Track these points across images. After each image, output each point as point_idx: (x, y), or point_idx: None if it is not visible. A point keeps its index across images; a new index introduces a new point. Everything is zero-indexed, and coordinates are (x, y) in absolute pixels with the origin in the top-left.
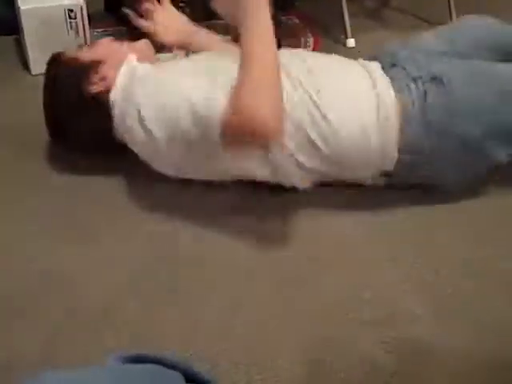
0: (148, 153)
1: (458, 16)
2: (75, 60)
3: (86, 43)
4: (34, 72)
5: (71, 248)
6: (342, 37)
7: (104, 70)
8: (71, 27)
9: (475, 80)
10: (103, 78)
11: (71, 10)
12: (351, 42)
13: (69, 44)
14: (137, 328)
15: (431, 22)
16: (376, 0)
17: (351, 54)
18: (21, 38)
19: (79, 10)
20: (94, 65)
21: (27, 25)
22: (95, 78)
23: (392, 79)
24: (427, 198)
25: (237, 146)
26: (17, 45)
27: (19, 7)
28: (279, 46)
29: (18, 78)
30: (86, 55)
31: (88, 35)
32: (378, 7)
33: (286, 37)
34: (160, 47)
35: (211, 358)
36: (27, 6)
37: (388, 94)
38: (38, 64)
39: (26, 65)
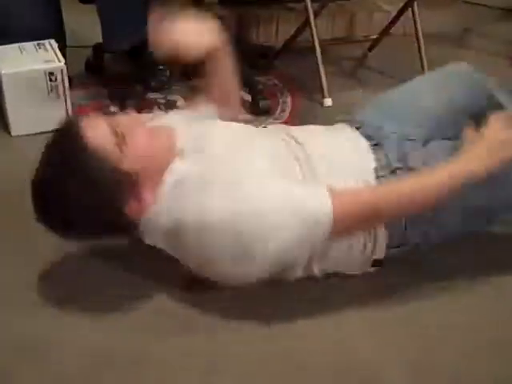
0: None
1: None
2: (105, 160)
3: (65, 105)
4: (13, 133)
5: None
6: (320, 96)
7: (141, 189)
8: (51, 89)
9: None
10: (139, 200)
11: (52, 73)
12: (328, 102)
13: (49, 106)
14: None
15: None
16: (353, 60)
17: (328, 112)
18: (1, 100)
19: (60, 72)
20: (129, 179)
21: (8, 88)
22: (131, 198)
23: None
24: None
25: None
26: None
27: (0, 71)
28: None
29: None
30: (120, 161)
31: (68, 97)
32: (355, 67)
33: (263, 97)
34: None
35: None
36: (8, 71)
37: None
38: (18, 125)
39: (5, 126)
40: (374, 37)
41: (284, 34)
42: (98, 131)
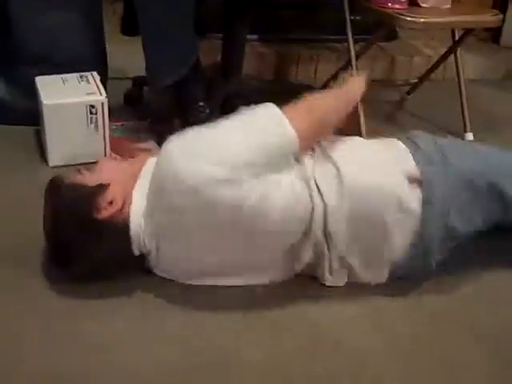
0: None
1: (472, 124)
2: (77, 186)
3: (104, 138)
4: (51, 164)
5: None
6: None
7: (111, 192)
8: (91, 122)
9: None
10: (111, 202)
11: (93, 106)
12: None
13: (87, 138)
14: None
15: (444, 128)
16: (391, 104)
17: None
18: (40, 130)
19: (100, 106)
20: (99, 189)
21: (49, 119)
22: (102, 202)
23: None
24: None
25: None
26: (35, 136)
27: (42, 101)
28: None
29: (36, 169)
30: (89, 179)
31: (107, 130)
32: (393, 111)
33: None
34: None
35: None
36: (50, 102)
37: None
38: (56, 156)
39: (43, 156)
40: (414, 81)
41: (323, 73)
42: (63, 174)
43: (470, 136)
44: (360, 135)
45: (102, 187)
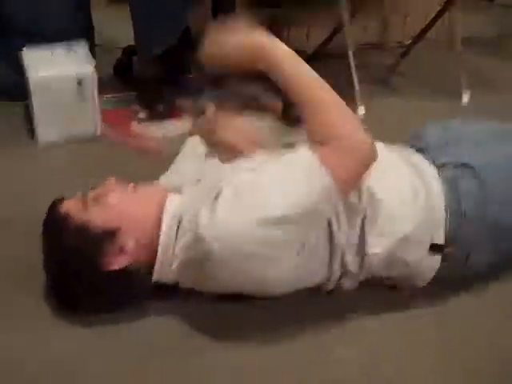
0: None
1: (468, 83)
2: (83, 229)
3: (94, 111)
4: (40, 140)
5: None
6: (352, 104)
7: (121, 239)
8: (80, 94)
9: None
10: (121, 250)
11: (81, 79)
12: (361, 110)
13: (77, 111)
14: None
15: (440, 89)
16: (383, 67)
17: (361, 121)
18: (28, 105)
19: (90, 78)
20: (108, 235)
21: (36, 93)
22: (112, 251)
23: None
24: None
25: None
26: (25, 111)
27: (28, 76)
28: None
29: (25, 145)
30: (96, 219)
31: (97, 102)
32: (386, 74)
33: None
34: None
35: None
36: (37, 75)
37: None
38: (46, 131)
39: (32, 133)
40: (408, 43)
41: (316, 37)
42: (67, 204)
43: (466, 96)
44: (355, 104)
45: (111, 234)
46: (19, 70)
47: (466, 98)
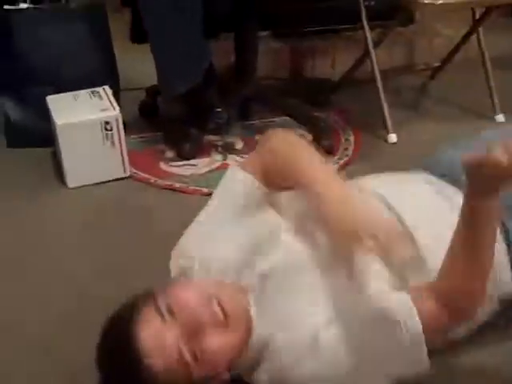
0: None
1: (501, 105)
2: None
3: (121, 154)
4: (69, 185)
5: None
6: (383, 132)
7: (221, 376)
8: (107, 138)
9: None
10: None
11: (107, 123)
12: (393, 138)
13: (105, 155)
14: None
15: (472, 111)
16: (412, 90)
17: (394, 149)
18: (56, 151)
19: (115, 121)
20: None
21: (63, 139)
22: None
23: None
24: None
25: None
26: (52, 157)
27: (55, 122)
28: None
29: (55, 191)
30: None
31: (124, 145)
32: (417, 97)
33: (325, 136)
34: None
35: None
36: (63, 121)
37: None
38: (74, 176)
39: (61, 178)
40: (436, 65)
41: (341, 65)
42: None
43: (500, 118)
44: (386, 131)
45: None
46: (46, 116)
47: (500, 120)
